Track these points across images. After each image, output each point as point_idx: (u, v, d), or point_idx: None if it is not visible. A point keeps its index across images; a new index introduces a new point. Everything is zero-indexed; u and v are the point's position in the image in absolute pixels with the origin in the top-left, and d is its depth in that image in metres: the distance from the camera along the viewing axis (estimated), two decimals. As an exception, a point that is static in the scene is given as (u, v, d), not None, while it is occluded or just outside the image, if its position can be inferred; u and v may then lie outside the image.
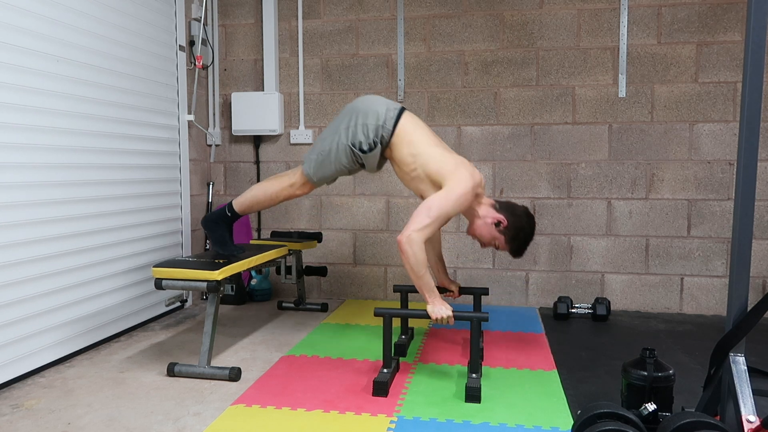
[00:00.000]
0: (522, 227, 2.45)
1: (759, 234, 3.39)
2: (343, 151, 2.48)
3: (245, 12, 3.83)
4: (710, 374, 1.73)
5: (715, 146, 3.40)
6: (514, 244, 2.48)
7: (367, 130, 2.45)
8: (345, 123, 2.50)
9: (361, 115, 2.47)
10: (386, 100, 2.53)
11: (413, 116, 2.51)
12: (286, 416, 2.00)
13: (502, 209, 2.47)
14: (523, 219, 2.46)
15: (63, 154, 2.55)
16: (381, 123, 2.44)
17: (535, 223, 2.50)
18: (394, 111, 2.47)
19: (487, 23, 3.56)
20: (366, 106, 2.49)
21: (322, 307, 3.52)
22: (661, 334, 3.02)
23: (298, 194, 2.64)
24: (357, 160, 2.50)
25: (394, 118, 2.45)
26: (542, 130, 3.55)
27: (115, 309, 2.93)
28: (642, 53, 3.43)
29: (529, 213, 2.49)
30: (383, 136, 2.44)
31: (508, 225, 2.44)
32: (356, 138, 2.46)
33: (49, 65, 2.46)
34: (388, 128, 2.43)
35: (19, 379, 2.35)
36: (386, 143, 2.45)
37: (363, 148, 2.46)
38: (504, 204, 2.49)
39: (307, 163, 2.57)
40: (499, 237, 2.47)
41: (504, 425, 1.94)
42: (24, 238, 2.35)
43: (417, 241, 2.25)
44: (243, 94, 3.74)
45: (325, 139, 2.54)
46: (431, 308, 2.30)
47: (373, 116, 2.45)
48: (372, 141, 2.45)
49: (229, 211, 2.70)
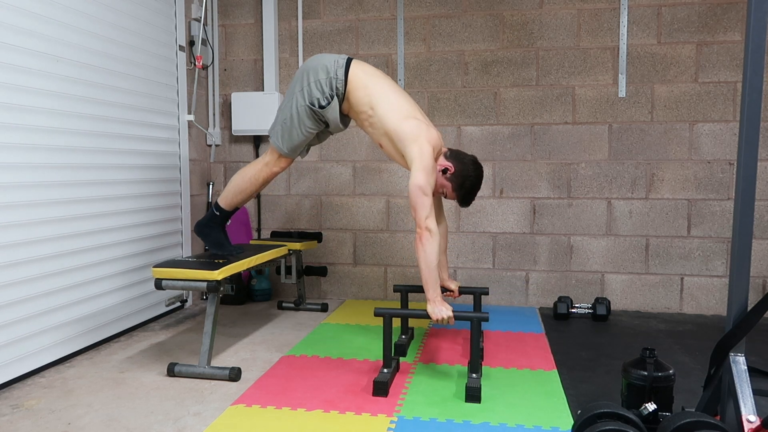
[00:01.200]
0: (468, 175, 2.49)
1: (759, 234, 3.39)
2: (305, 113, 2.52)
3: (245, 12, 3.83)
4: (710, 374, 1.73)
5: (715, 146, 3.40)
6: (461, 192, 2.52)
7: (320, 85, 2.48)
8: (299, 86, 2.53)
9: (311, 73, 2.51)
10: (334, 54, 2.56)
11: (364, 64, 2.55)
12: (286, 416, 2.00)
13: (450, 157, 2.52)
14: (469, 167, 2.49)
15: (63, 154, 2.55)
16: (332, 75, 2.47)
17: (482, 172, 2.54)
18: (342, 61, 2.51)
19: (487, 23, 3.56)
20: (315, 63, 2.53)
21: (322, 307, 3.52)
22: (661, 334, 3.02)
23: (277, 171, 2.67)
24: (320, 118, 2.54)
25: (343, 66, 2.49)
26: (542, 130, 3.55)
27: (115, 309, 2.93)
28: (642, 53, 3.43)
29: (476, 161, 2.53)
30: (338, 87, 2.48)
31: (455, 172, 2.49)
32: (313, 96, 2.49)
33: (48, 65, 2.46)
34: (340, 78, 2.47)
35: (19, 379, 2.35)
36: (342, 94, 2.49)
37: (321, 104, 2.49)
38: (453, 152, 2.54)
39: (273, 136, 2.61)
40: (446, 184, 2.52)
41: (504, 425, 1.94)
42: (24, 238, 2.35)
43: (434, 230, 2.30)
44: (243, 94, 3.74)
45: (284, 108, 2.58)
46: (431, 308, 2.30)
47: (323, 71, 2.49)
48: (328, 95, 2.48)
49: (216, 210, 2.70)
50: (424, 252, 2.30)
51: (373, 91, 2.47)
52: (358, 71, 2.50)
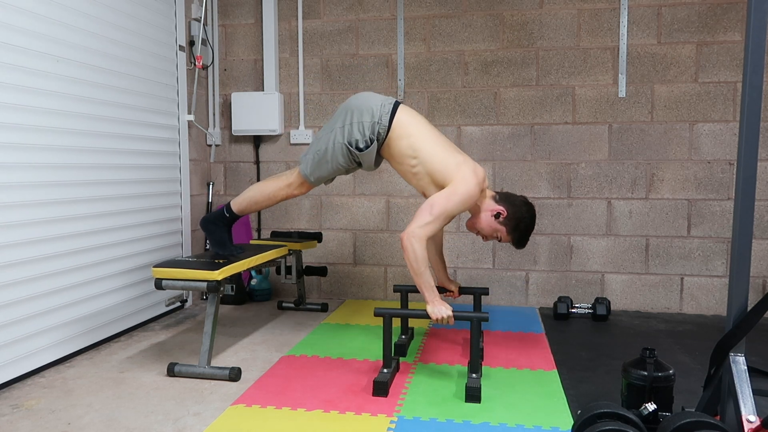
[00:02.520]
0: (522, 217, 2.45)
1: (759, 234, 3.39)
2: (340, 150, 2.47)
3: (245, 12, 3.83)
4: (710, 374, 1.73)
5: (715, 146, 3.40)
6: (516, 234, 2.48)
7: (362, 127, 2.43)
8: (340, 122, 2.49)
9: (356, 113, 2.46)
10: (381, 95, 2.52)
11: (409, 109, 2.49)
12: (286, 416, 2.00)
13: (501, 200, 2.47)
14: (522, 208, 2.46)
15: (63, 154, 2.55)
16: (377, 119, 2.42)
17: (535, 212, 2.50)
18: (389, 106, 2.45)
19: (487, 23, 3.56)
20: (360, 103, 2.47)
21: (322, 307, 3.52)
22: (661, 334, 3.02)
23: (296, 194, 2.63)
24: (354, 159, 2.49)
25: (389, 113, 2.43)
26: (542, 130, 3.55)
27: (115, 309, 2.93)
28: (642, 53, 3.43)
29: (527, 202, 2.48)
30: (379, 132, 2.43)
31: (508, 215, 2.45)
32: (352, 136, 2.45)
33: (48, 65, 2.46)
34: (384, 124, 2.42)
35: (19, 379, 2.35)
36: (383, 139, 2.44)
37: (359, 146, 2.44)
38: (503, 195, 2.49)
39: (304, 163, 2.57)
40: (500, 228, 2.47)
41: (504, 425, 1.94)
42: (24, 238, 2.35)
43: (419, 238, 2.26)
44: (243, 94, 3.74)
45: (321, 138, 2.53)
46: (431, 308, 2.30)
47: (368, 113, 2.44)
48: (368, 138, 2.43)
49: (227, 212, 2.70)
50: (408, 258, 2.29)
51: (416, 141, 2.40)
52: (403, 119, 2.43)
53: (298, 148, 3.82)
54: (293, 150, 3.83)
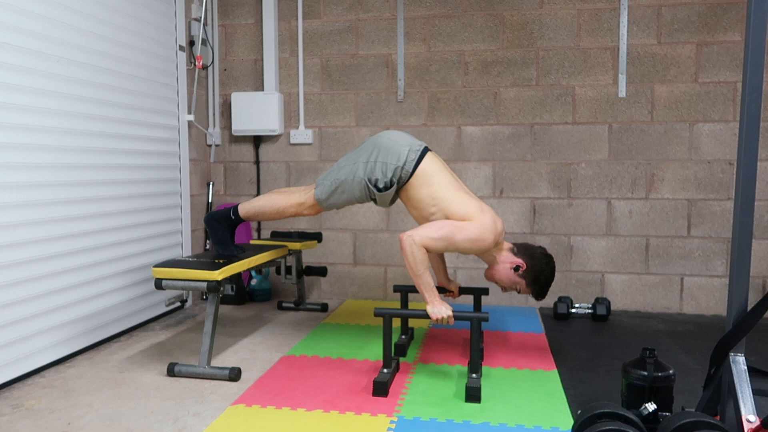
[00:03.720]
0: (542, 270, 2.42)
1: (759, 234, 3.39)
2: (358, 185, 2.46)
3: (245, 12, 3.83)
4: (710, 374, 1.73)
5: (715, 146, 3.40)
6: (536, 287, 2.46)
7: (386, 168, 2.41)
8: (365, 156, 2.47)
9: (382, 152, 2.44)
10: (410, 138, 2.48)
11: (435, 157, 2.47)
12: (286, 416, 2.00)
13: (520, 253, 2.45)
14: (542, 261, 2.43)
15: (63, 154, 2.55)
16: (401, 164, 2.40)
17: (554, 264, 2.46)
18: (415, 153, 2.42)
19: (487, 23, 3.56)
20: (389, 143, 2.45)
21: (322, 307, 3.52)
22: (661, 334, 3.02)
23: (305, 214, 2.62)
24: (370, 195, 2.48)
25: (415, 160, 2.41)
26: (542, 130, 3.55)
27: (115, 309, 2.93)
28: (642, 53, 3.43)
29: (547, 254, 2.46)
30: (401, 177, 2.42)
31: (527, 269, 2.42)
32: (373, 174, 2.43)
33: (49, 65, 2.46)
34: (407, 170, 2.40)
35: (19, 379, 2.35)
36: (403, 183, 2.44)
37: (378, 186, 2.43)
38: (521, 247, 2.47)
39: (321, 187, 2.54)
40: (519, 281, 2.45)
41: (504, 425, 1.94)
42: (24, 238, 2.35)
43: (417, 244, 2.26)
44: (243, 94, 3.74)
45: (343, 168, 2.51)
46: (431, 308, 2.30)
47: (395, 156, 2.41)
48: (389, 180, 2.42)
49: (233, 214, 2.70)
50: (406, 259, 2.29)
51: (438, 190, 2.39)
52: (428, 168, 2.41)
53: (298, 148, 3.82)
54: (293, 150, 3.83)
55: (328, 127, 3.78)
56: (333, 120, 3.77)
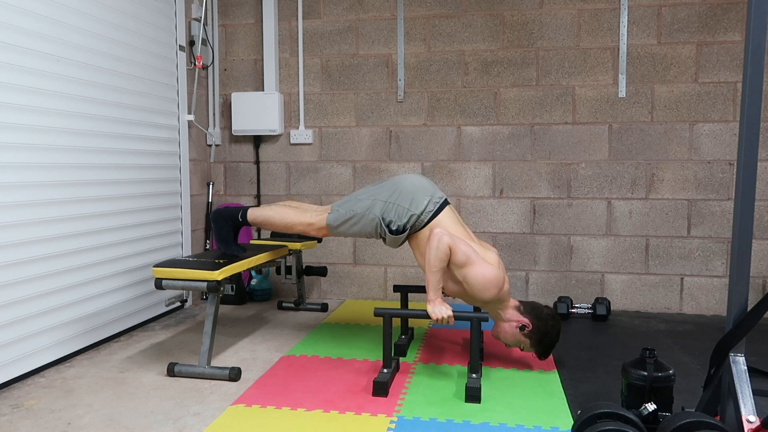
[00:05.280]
0: (547, 332, 2.41)
1: (759, 234, 3.39)
2: (371, 221, 2.47)
3: (245, 12, 3.83)
4: (710, 374, 1.73)
5: (715, 146, 3.40)
6: (540, 348, 2.45)
7: (402, 212, 2.43)
8: (384, 196, 2.48)
9: (402, 196, 2.45)
10: (433, 188, 2.49)
11: (452, 211, 2.49)
12: (286, 416, 2.00)
13: (526, 312, 2.44)
14: (548, 323, 2.42)
15: (63, 154, 2.55)
16: (418, 213, 2.42)
17: (560, 326, 2.45)
18: (434, 205, 2.44)
19: (487, 23, 3.56)
20: (411, 189, 2.46)
21: (322, 307, 3.52)
22: (661, 334, 3.02)
23: (312, 235, 2.62)
24: (381, 234, 2.49)
25: (432, 212, 2.43)
26: (542, 130, 3.55)
27: (115, 309, 2.93)
28: (642, 53, 3.43)
29: (554, 315, 2.44)
30: (415, 224, 2.43)
31: (533, 329, 2.42)
32: (388, 216, 2.44)
33: (49, 65, 2.46)
34: (423, 220, 2.42)
35: (19, 379, 2.35)
36: (416, 231, 2.45)
37: (391, 228, 2.44)
38: (528, 306, 2.46)
39: (334, 213, 2.55)
40: (524, 341, 2.45)
41: (504, 425, 1.94)
42: (24, 238, 2.35)
43: (444, 242, 2.27)
44: (243, 94, 3.74)
45: (360, 200, 2.52)
46: (431, 308, 2.30)
47: (414, 204, 2.43)
48: (403, 225, 2.43)
49: (241, 217, 2.70)
50: (430, 251, 2.28)
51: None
52: (443, 221, 2.42)
53: (298, 148, 3.82)
54: (293, 150, 3.83)
55: (328, 127, 3.78)
56: (333, 120, 3.77)
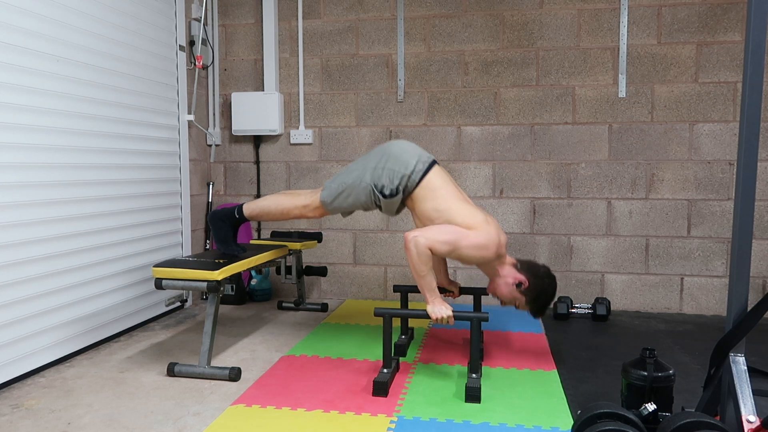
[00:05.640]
0: (543, 290, 2.43)
1: (759, 234, 3.39)
2: (364, 190, 2.47)
3: (245, 12, 3.83)
4: (710, 374, 1.73)
5: (715, 146, 3.40)
6: (535, 306, 2.46)
7: (393, 175, 2.43)
8: (373, 163, 2.48)
9: (390, 160, 2.45)
10: (420, 150, 2.49)
11: (442, 170, 2.49)
12: (286, 416, 2.00)
13: (523, 270, 2.45)
14: (544, 281, 2.43)
15: (63, 154, 2.55)
16: (408, 173, 2.41)
17: (556, 284, 2.47)
18: (423, 164, 2.44)
19: (487, 23, 3.56)
20: (398, 152, 2.46)
21: (322, 307, 3.52)
22: (661, 334, 3.02)
23: (309, 216, 2.62)
24: (375, 202, 2.49)
25: (422, 171, 2.42)
26: (542, 130, 3.55)
27: (115, 309, 2.93)
28: (642, 53, 3.43)
29: (550, 274, 2.46)
30: (407, 185, 2.43)
31: (529, 286, 2.42)
32: (380, 181, 2.44)
33: (49, 65, 2.46)
34: (414, 180, 2.42)
35: (19, 379, 2.35)
36: (409, 193, 2.45)
37: (384, 192, 2.44)
38: (525, 264, 2.47)
39: (327, 190, 2.55)
40: (519, 297, 2.45)
41: (504, 425, 1.94)
42: (24, 238, 2.35)
43: (421, 245, 2.26)
44: (243, 94, 3.74)
45: (351, 172, 2.53)
46: (431, 308, 2.30)
47: (402, 164, 2.43)
48: (395, 188, 2.43)
49: (237, 213, 2.70)
50: (411, 259, 2.28)
51: (441, 203, 2.39)
52: (434, 180, 2.43)
53: (299, 148, 3.82)
54: (293, 150, 3.83)
55: (328, 127, 3.78)
56: (333, 120, 3.77)
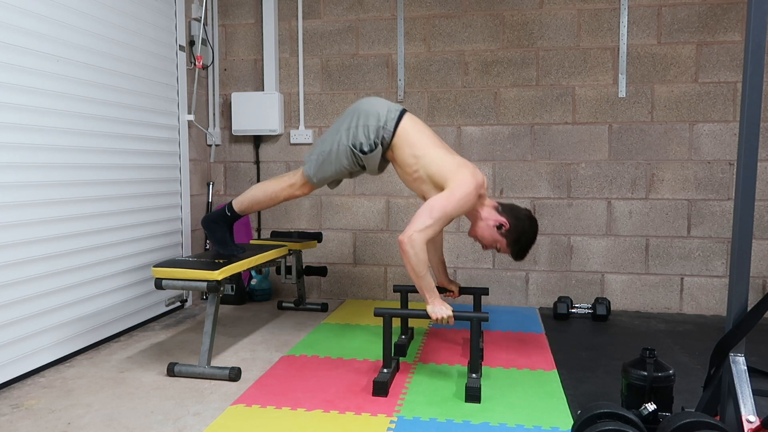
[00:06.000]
0: (524, 231, 2.44)
1: (759, 234, 3.39)
2: (344, 152, 2.48)
3: (245, 12, 3.83)
4: (710, 374, 1.73)
5: (715, 146, 3.40)
6: (516, 248, 2.47)
7: (368, 131, 2.44)
8: (346, 124, 2.50)
9: (362, 116, 2.47)
10: (388, 101, 2.52)
11: (414, 118, 2.51)
12: (286, 416, 2.00)
13: (504, 212, 2.46)
14: (525, 223, 2.44)
15: (63, 154, 2.55)
16: (382, 124, 2.43)
17: (537, 227, 2.48)
18: (395, 112, 2.46)
19: (487, 23, 3.56)
20: (367, 107, 2.48)
21: (322, 307, 3.52)
22: (661, 334, 3.02)
23: (298, 195, 2.63)
24: (358, 162, 2.50)
25: (395, 119, 2.44)
26: (542, 130, 3.55)
27: (115, 309, 2.93)
28: (642, 53, 3.43)
29: (531, 216, 2.47)
30: (384, 137, 2.44)
31: (510, 228, 2.43)
32: (357, 139, 2.45)
33: (49, 65, 2.46)
34: (389, 129, 2.43)
35: (19, 379, 2.35)
36: (387, 144, 2.45)
37: (363, 149, 2.45)
38: (507, 206, 2.48)
39: (308, 163, 2.57)
40: (500, 240, 2.46)
41: (504, 425, 1.94)
42: (24, 238, 2.35)
43: (419, 242, 2.25)
44: (243, 94, 3.74)
45: (326, 140, 2.54)
46: (431, 308, 2.30)
47: (374, 117, 2.45)
48: (373, 142, 2.44)
49: (228, 211, 2.70)
50: (409, 261, 2.28)
51: (418, 149, 2.41)
52: (408, 127, 2.44)
53: (299, 148, 3.82)
54: (293, 150, 3.83)
55: (328, 127, 3.77)
56: (333, 120, 3.77)
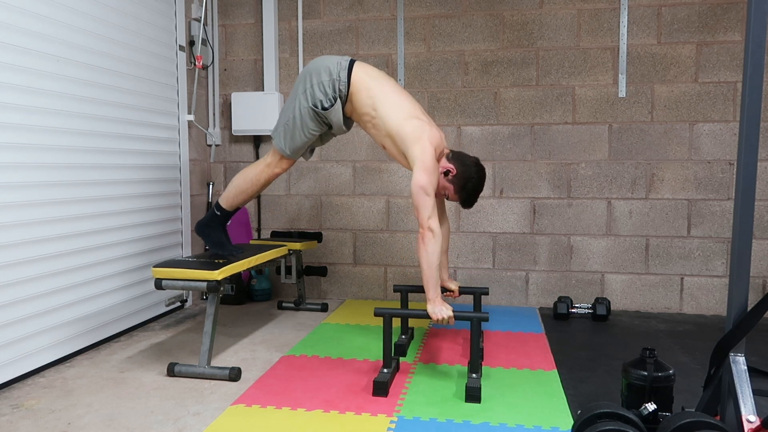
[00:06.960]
0: (470, 177, 2.49)
1: (759, 234, 3.39)
2: (307, 114, 2.51)
3: (245, 12, 3.83)
4: (710, 374, 1.73)
5: (715, 146, 3.40)
6: (463, 194, 2.52)
7: (323, 87, 2.48)
8: (302, 87, 2.53)
9: (314, 75, 2.51)
10: (337, 56, 2.56)
11: (366, 65, 2.55)
12: (286, 416, 2.00)
13: (453, 159, 2.51)
14: (471, 169, 2.49)
15: (63, 154, 2.55)
16: (335, 77, 2.47)
17: (484, 173, 2.53)
18: (345, 62, 2.50)
19: (487, 23, 3.56)
20: (317, 65, 2.52)
21: (322, 307, 3.52)
22: (661, 334, 3.02)
23: (278, 172, 2.66)
24: (323, 121, 2.54)
25: (346, 68, 2.49)
26: (542, 130, 3.55)
27: (115, 309, 2.93)
28: (642, 53, 3.43)
29: (478, 163, 2.52)
30: (340, 89, 2.48)
31: (456, 174, 2.48)
32: (315, 97, 2.49)
33: (49, 65, 2.46)
34: (343, 80, 2.47)
35: (19, 379, 2.35)
36: (345, 96, 2.49)
37: (324, 105, 2.49)
38: (456, 154, 2.53)
39: (276, 138, 2.60)
40: (448, 186, 2.52)
41: (504, 425, 1.94)
42: (24, 238, 2.35)
43: (436, 230, 2.30)
44: (243, 94, 3.74)
45: (286, 109, 2.58)
46: (431, 308, 2.30)
47: (326, 72, 2.49)
48: (331, 96, 2.48)
49: (217, 210, 2.71)
50: (426, 252, 2.29)
51: (375, 93, 2.46)
52: (360, 73, 2.49)
53: (298, 148, 3.82)
54: (293, 150, 3.82)
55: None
56: (333, 120, 3.77)
